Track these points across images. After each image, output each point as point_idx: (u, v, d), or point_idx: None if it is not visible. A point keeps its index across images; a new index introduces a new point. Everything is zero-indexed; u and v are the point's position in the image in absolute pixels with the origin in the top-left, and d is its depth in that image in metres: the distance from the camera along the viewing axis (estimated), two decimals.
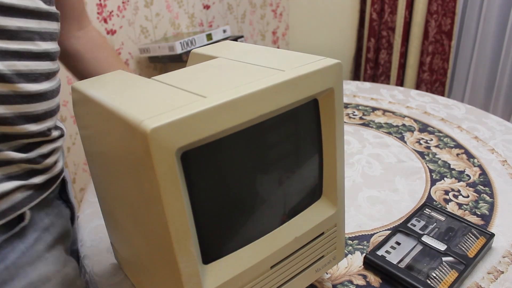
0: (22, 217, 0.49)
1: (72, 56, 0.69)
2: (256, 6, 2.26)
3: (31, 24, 0.45)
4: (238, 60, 0.46)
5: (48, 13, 0.48)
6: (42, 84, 0.47)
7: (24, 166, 0.48)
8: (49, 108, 0.49)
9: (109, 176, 0.45)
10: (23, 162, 0.48)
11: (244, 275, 0.41)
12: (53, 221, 0.53)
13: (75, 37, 0.68)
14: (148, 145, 0.31)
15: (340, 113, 0.44)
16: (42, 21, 0.47)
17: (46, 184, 0.52)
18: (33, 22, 0.46)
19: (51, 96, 0.49)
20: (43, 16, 0.47)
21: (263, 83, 0.37)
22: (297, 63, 0.42)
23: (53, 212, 0.54)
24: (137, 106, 0.35)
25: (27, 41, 0.45)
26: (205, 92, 0.36)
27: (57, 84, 0.52)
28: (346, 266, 0.58)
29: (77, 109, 0.46)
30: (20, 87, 0.45)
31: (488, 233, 0.59)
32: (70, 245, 0.58)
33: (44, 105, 0.48)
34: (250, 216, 0.42)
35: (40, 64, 0.47)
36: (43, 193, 0.51)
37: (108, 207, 0.50)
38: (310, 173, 0.46)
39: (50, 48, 0.49)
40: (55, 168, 0.53)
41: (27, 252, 0.49)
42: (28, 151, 0.48)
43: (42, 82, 0.47)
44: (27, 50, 0.45)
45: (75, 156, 1.75)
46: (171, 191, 0.33)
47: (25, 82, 0.45)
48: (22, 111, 0.46)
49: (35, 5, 0.46)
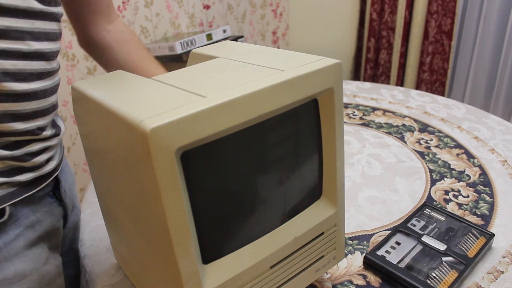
0: (3, 212, 0.49)
1: (103, 49, 0.69)
2: (256, 6, 2.26)
3: (21, 23, 0.45)
4: (238, 60, 0.46)
5: (43, 12, 0.48)
6: (32, 84, 0.47)
7: (10, 163, 0.48)
8: (39, 107, 0.49)
9: (109, 176, 0.45)
10: (9, 159, 0.48)
11: (244, 275, 0.41)
12: (40, 218, 0.53)
13: (106, 31, 0.69)
14: (147, 145, 0.31)
15: (340, 113, 0.44)
16: (36, 21, 0.47)
17: (34, 182, 0.52)
18: (25, 21, 0.46)
19: (43, 96, 0.49)
20: (37, 15, 0.47)
21: (263, 83, 0.37)
22: (297, 63, 0.42)
23: (42, 209, 0.54)
24: (136, 106, 0.35)
25: (16, 40, 0.45)
26: (205, 92, 0.36)
27: (53, 84, 0.51)
28: (346, 266, 0.58)
29: (77, 108, 0.46)
30: (6, 85, 0.45)
31: (488, 233, 0.59)
32: (58, 242, 0.58)
33: (34, 104, 0.48)
34: (250, 216, 0.41)
35: (30, 63, 0.47)
36: (30, 191, 0.51)
37: (108, 207, 0.50)
38: (310, 173, 0.46)
39: (45, 48, 0.48)
40: (47, 166, 0.53)
41: (5, 248, 0.49)
42: (15, 149, 0.48)
43: (32, 82, 0.47)
44: (15, 50, 0.45)
45: (75, 156, 1.75)
46: (171, 191, 0.33)
47: (12, 81, 0.45)
48: (8, 110, 0.46)
49: (27, 5, 0.45)
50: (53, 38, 0.50)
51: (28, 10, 0.46)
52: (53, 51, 0.50)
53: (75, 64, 1.64)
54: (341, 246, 0.51)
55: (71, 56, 1.63)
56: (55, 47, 0.51)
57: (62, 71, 1.60)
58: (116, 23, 0.71)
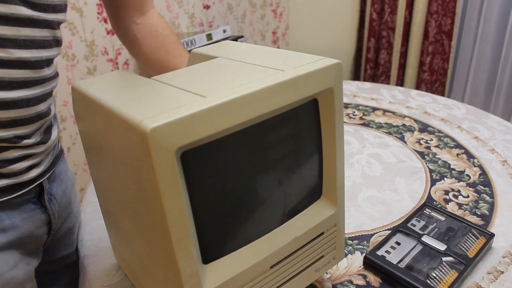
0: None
1: (131, 42, 0.69)
2: (256, 6, 2.26)
3: (3, 30, 0.43)
4: (238, 60, 0.46)
5: (32, 19, 0.46)
6: (12, 92, 0.45)
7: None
8: (20, 116, 0.47)
9: (109, 176, 0.45)
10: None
11: (243, 274, 0.41)
12: (16, 224, 0.51)
13: (135, 24, 0.68)
14: (147, 145, 0.31)
15: (340, 113, 0.44)
16: (22, 28, 0.45)
17: (11, 189, 0.50)
18: (8, 28, 0.43)
19: (25, 105, 0.47)
20: (24, 22, 0.45)
21: (263, 83, 0.37)
22: (297, 63, 0.42)
23: (20, 215, 0.52)
24: (136, 106, 0.35)
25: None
26: (204, 92, 0.36)
27: (42, 92, 0.49)
28: (346, 266, 0.58)
29: (77, 108, 0.46)
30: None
31: (488, 233, 0.59)
32: (37, 249, 0.56)
33: (12, 113, 0.46)
34: (250, 216, 0.42)
35: (11, 72, 0.45)
36: (4, 196, 0.49)
37: (108, 206, 0.50)
38: (310, 173, 0.46)
39: (30, 57, 0.46)
40: (28, 174, 0.51)
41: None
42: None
43: (12, 90, 0.45)
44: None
45: (75, 156, 1.75)
46: (171, 191, 0.33)
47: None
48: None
49: (13, 11, 0.43)
50: (44, 46, 0.48)
51: (13, 17, 0.44)
52: (42, 60, 0.48)
53: (75, 64, 1.64)
54: (341, 246, 0.51)
55: (71, 56, 1.63)
56: (46, 55, 0.49)
57: (62, 71, 1.60)
58: (148, 14, 0.70)
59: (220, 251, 0.40)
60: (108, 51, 1.75)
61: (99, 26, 1.69)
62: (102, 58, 1.73)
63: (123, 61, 1.81)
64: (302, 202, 0.47)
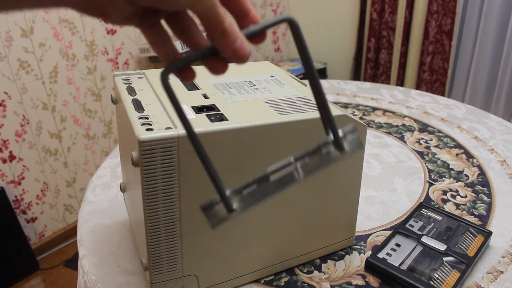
0: None
1: None
2: (256, 6, 2.26)
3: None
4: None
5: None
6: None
7: None
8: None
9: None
10: None
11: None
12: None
13: None
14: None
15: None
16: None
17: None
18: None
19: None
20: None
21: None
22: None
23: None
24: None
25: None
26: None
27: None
28: (343, 268, 0.58)
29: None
30: None
31: (486, 231, 0.59)
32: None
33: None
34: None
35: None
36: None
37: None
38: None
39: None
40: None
41: None
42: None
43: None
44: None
45: (75, 156, 1.75)
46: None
47: None
48: None
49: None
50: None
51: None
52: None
53: (75, 64, 1.64)
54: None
55: (71, 56, 1.63)
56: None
57: (62, 71, 1.60)
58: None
59: None
60: (108, 51, 1.75)
61: (99, 26, 1.69)
62: (102, 58, 1.74)
63: (123, 61, 1.81)
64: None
